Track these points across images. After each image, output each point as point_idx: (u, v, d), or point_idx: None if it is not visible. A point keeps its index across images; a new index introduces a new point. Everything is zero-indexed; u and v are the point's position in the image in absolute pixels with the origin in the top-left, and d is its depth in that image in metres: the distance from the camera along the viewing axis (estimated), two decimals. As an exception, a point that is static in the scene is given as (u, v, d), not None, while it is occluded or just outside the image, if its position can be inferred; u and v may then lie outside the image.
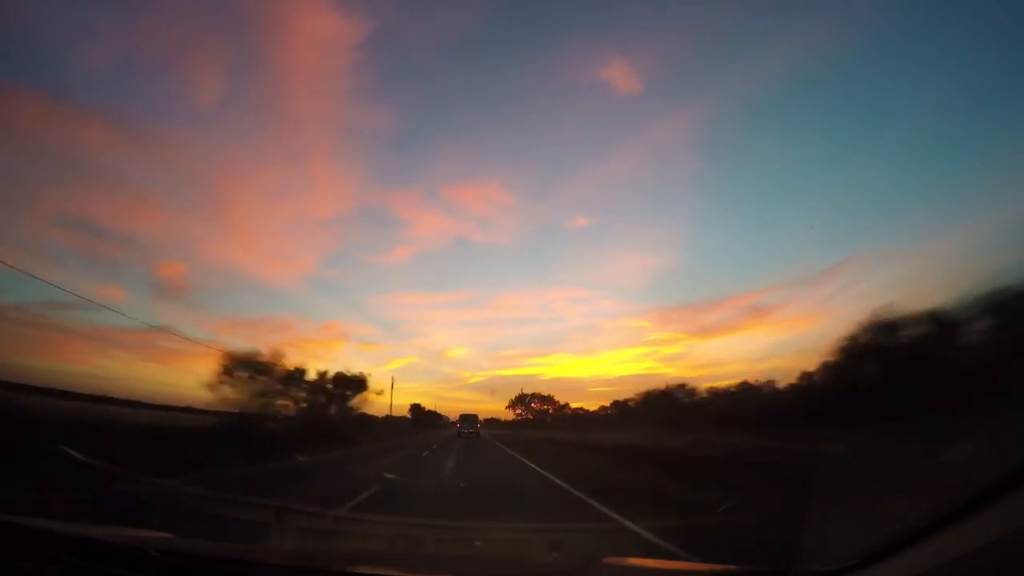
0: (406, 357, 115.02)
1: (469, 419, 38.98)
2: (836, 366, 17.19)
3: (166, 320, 69.51)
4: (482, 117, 78.44)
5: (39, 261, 47.24)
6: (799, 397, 20.62)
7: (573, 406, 77.39)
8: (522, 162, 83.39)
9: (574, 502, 8.21)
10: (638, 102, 64.09)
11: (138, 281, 66.52)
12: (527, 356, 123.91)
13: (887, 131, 54.48)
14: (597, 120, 73.19)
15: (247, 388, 22.08)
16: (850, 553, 1.56)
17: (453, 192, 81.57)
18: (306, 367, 27.68)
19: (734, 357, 72.75)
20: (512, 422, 78.42)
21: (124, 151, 57.79)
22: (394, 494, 8.64)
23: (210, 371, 21.78)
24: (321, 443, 19.22)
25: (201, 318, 61.25)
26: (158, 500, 5.58)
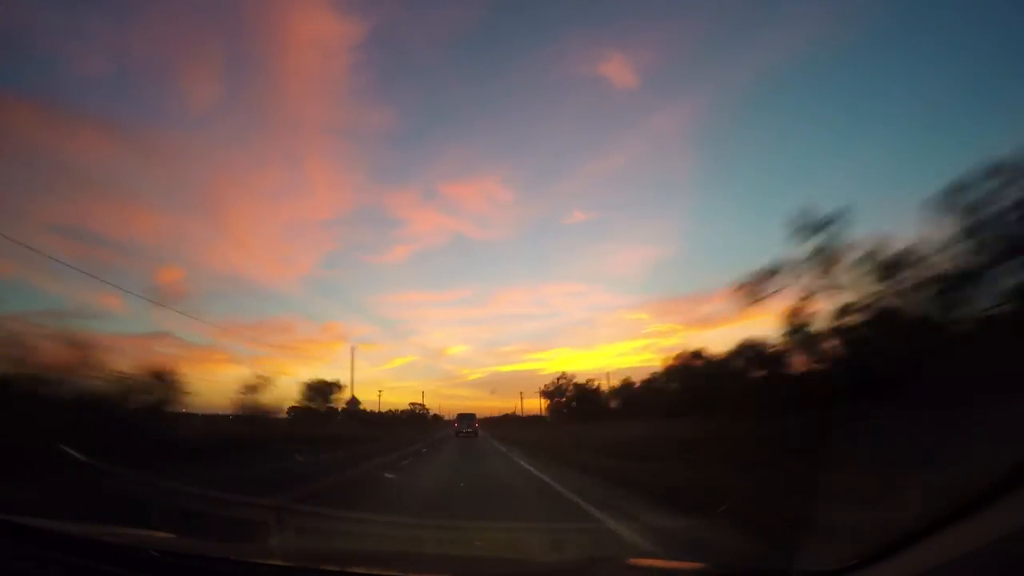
0: (406, 356, 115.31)
1: (467, 418, 37.59)
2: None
3: (165, 325, 69.72)
4: (480, 114, 78.69)
5: (35, 269, 47.08)
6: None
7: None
8: (520, 158, 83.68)
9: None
10: (635, 96, 64.23)
11: (136, 287, 66.66)
12: (526, 351, 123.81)
13: (883, 122, 54.41)
14: (594, 114, 73.68)
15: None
16: (850, 553, 1.56)
17: (451, 190, 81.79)
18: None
19: (733, 347, 72.40)
20: (525, 419, 65.95)
21: (119, 156, 57.71)
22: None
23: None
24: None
25: (200, 322, 61.29)
26: (158, 500, 5.57)
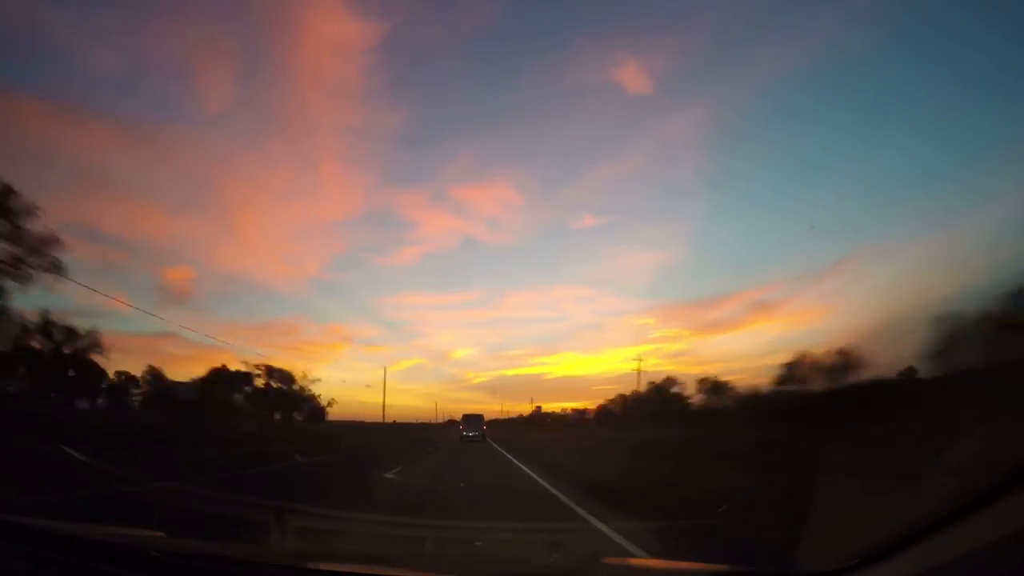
0: (411, 359, 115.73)
1: (473, 420, 33.98)
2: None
3: (172, 324, 69.75)
4: (492, 118, 79.29)
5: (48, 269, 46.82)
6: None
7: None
8: (532, 162, 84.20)
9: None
10: (648, 101, 64.93)
11: (145, 286, 66.71)
12: (532, 355, 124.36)
13: (891, 128, 54.89)
14: (606, 119, 74.23)
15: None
16: (850, 553, 1.56)
17: (462, 192, 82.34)
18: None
19: (738, 353, 72.92)
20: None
21: (132, 155, 58.16)
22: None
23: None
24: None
25: (207, 322, 61.37)
26: (159, 499, 5.57)
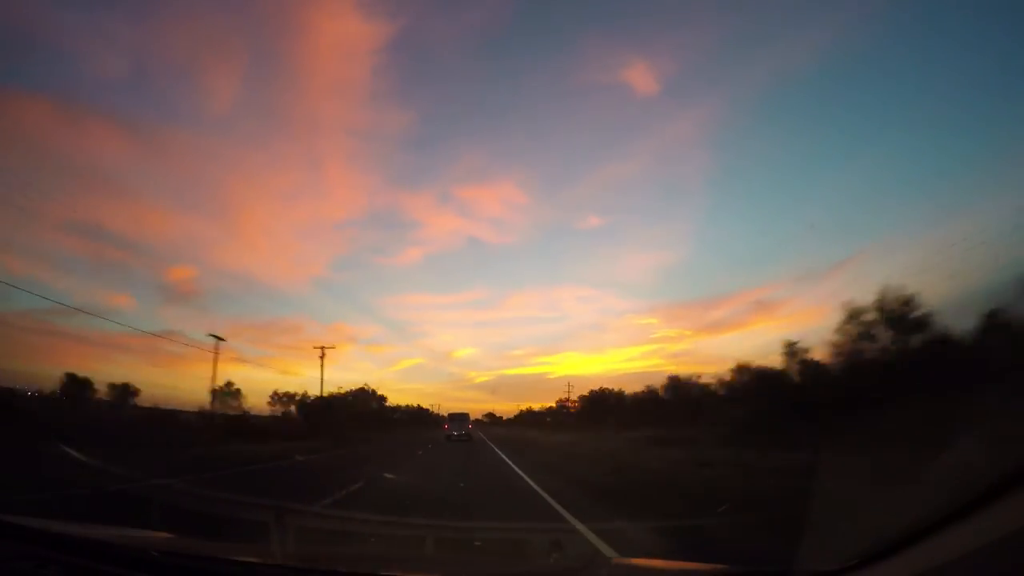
0: (413, 358, 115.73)
1: (459, 420, 34.52)
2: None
3: (174, 324, 69.93)
4: (498, 118, 79.97)
5: (49, 267, 46.95)
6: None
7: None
8: (537, 162, 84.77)
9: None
10: (653, 102, 65.44)
11: (147, 286, 66.92)
12: (534, 355, 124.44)
13: (892, 128, 55.09)
14: (612, 120, 74.95)
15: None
16: (850, 553, 1.56)
17: (467, 193, 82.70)
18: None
19: (740, 353, 72.94)
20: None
21: (137, 156, 58.16)
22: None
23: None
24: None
25: (209, 321, 61.29)
26: (158, 497, 5.57)
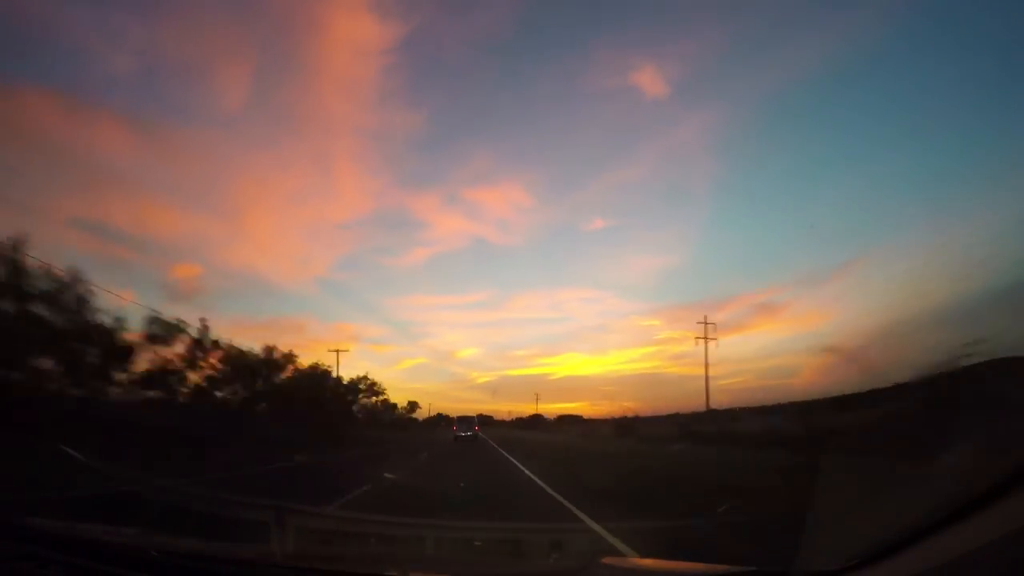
0: (415, 358, 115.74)
1: (466, 421, 36.87)
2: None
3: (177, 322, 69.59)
4: (507, 120, 79.41)
5: (53, 262, 46.84)
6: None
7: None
8: (545, 164, 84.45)
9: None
10: (661, 106, 65.40)
11: (152, 283, 66.96)
12: (536, 356, 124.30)
13: (895, 133, 55.28)
14: (621, 123, 74.93)
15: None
16: (850, 553, 1.56)
17: (475, 194, 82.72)
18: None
19: (743, 356, 73.12)
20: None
21: (144, 153, 57.94)
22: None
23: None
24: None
25: (211, 320, 61.03)
26: (159, 496, 5.57)
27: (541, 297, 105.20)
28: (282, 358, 28.49)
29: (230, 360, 23.49)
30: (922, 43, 49.22)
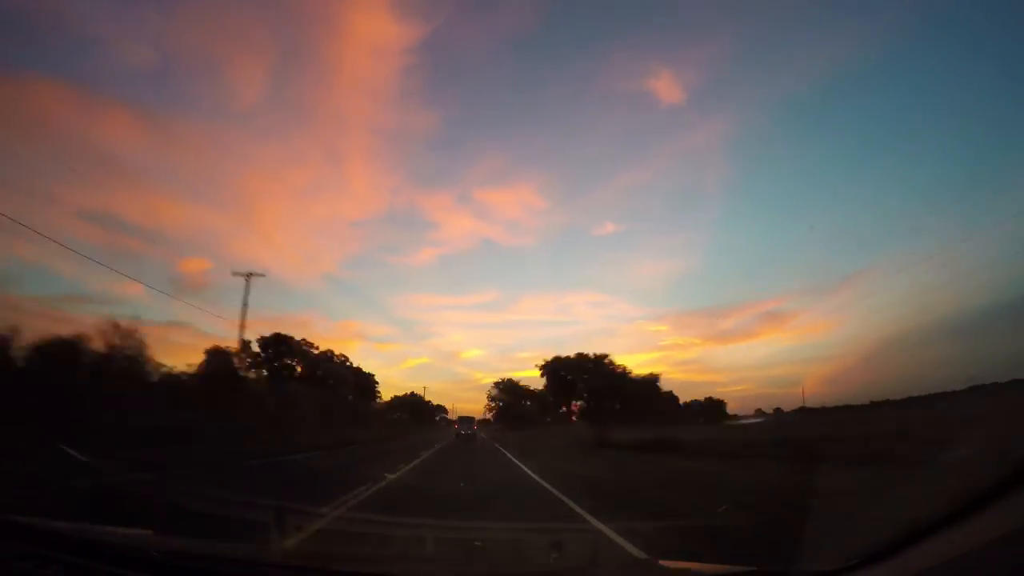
0: (419, 357, 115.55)
1: (467, 421, 43.44)
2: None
3: (185, 315, 70.03)
4: (523, 122, 79.41)
5: (63, 255, 46.83)
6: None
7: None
8: (558, 167, 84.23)
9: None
10: (677, 111, 65.74)
11: (160, 276, 67.23)
12: (541, 358, 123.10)
13: (906, 143, 55.25)
14: (636, 128, 75.08)
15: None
16: (850, 553, 1.55)
17: (486, 195, 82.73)
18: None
19: (747, 363, 73.13)
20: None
21: (156, 146, 57.73)
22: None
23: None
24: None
25: (219, 314, 60.73)
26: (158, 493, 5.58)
27: (548, 300, 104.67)
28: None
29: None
30: (936, 52, 49.40)
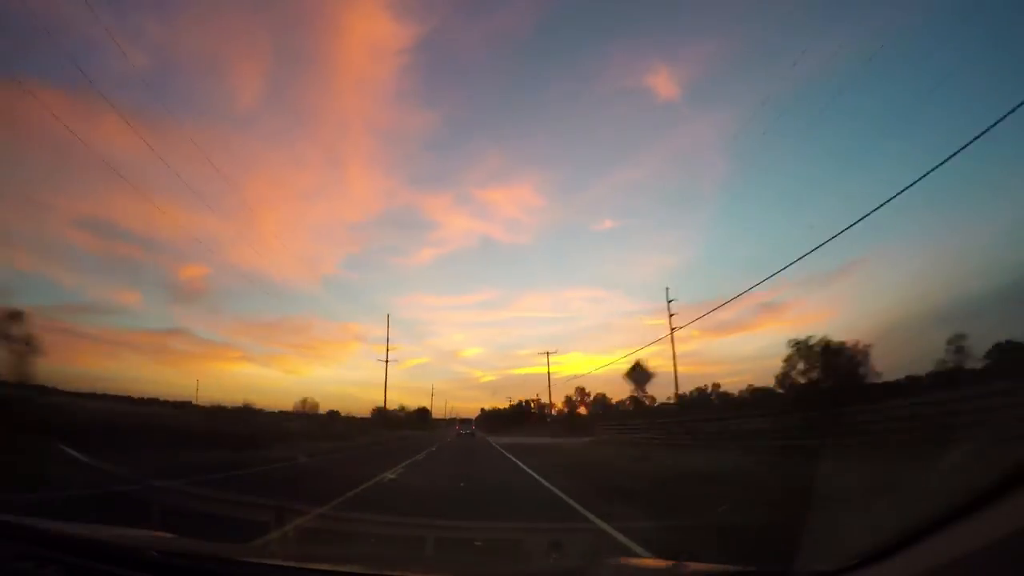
0: (419, 358, 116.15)
1: (466, 422, 49.20)
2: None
3: (184, 322, 70.02)
4: (521, 121, 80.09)
5: (59, 263, 46.79)
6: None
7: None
8: (556, 165, 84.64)
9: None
10: (673, 107, 65.73)
11: (158, 283, 67.21)
12: (540, 355, 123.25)
13: (901, 136, 54.99)
14: (633, 125, 75.43)
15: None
16: (850, 553, 1.55)
17: (485, 194, 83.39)
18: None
19: (745, 355, 73.48)
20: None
21: (153, 152, 57.55)
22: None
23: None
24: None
25: (217, 320, 60.88)
26: (159, 497, 5.58)
27: (547, 297, 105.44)
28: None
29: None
30: (934, 44, 48.88)
